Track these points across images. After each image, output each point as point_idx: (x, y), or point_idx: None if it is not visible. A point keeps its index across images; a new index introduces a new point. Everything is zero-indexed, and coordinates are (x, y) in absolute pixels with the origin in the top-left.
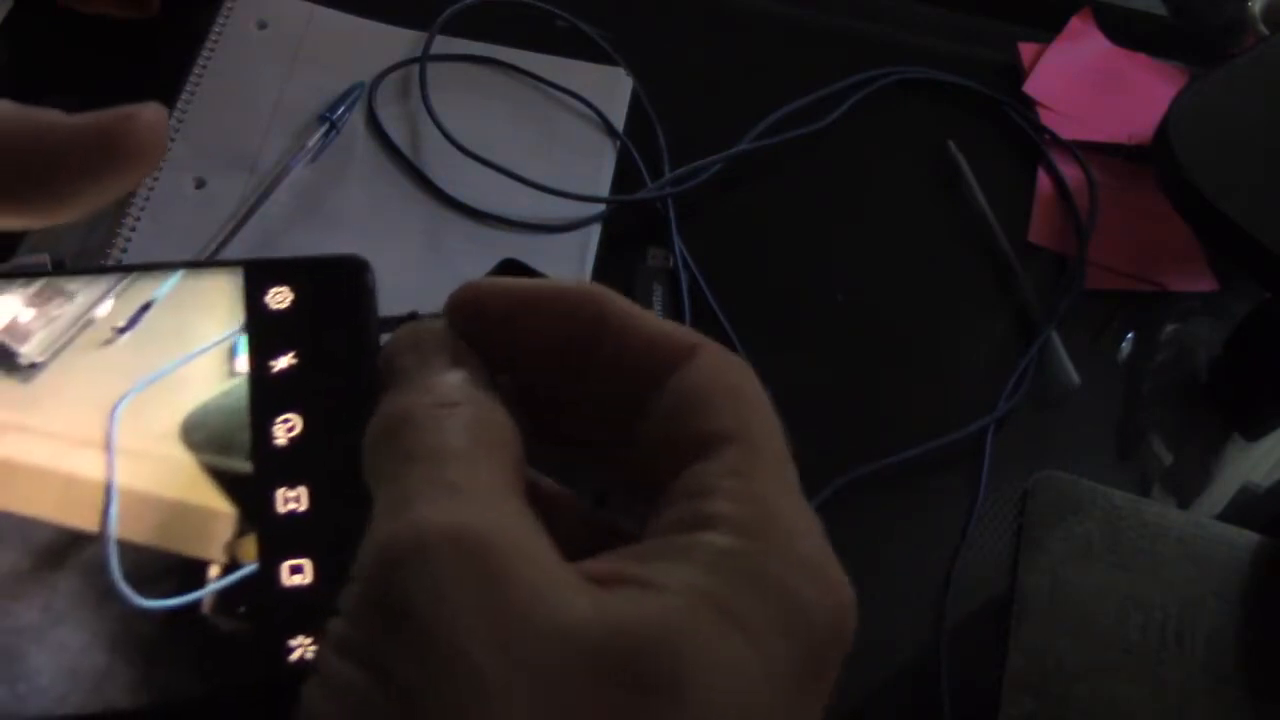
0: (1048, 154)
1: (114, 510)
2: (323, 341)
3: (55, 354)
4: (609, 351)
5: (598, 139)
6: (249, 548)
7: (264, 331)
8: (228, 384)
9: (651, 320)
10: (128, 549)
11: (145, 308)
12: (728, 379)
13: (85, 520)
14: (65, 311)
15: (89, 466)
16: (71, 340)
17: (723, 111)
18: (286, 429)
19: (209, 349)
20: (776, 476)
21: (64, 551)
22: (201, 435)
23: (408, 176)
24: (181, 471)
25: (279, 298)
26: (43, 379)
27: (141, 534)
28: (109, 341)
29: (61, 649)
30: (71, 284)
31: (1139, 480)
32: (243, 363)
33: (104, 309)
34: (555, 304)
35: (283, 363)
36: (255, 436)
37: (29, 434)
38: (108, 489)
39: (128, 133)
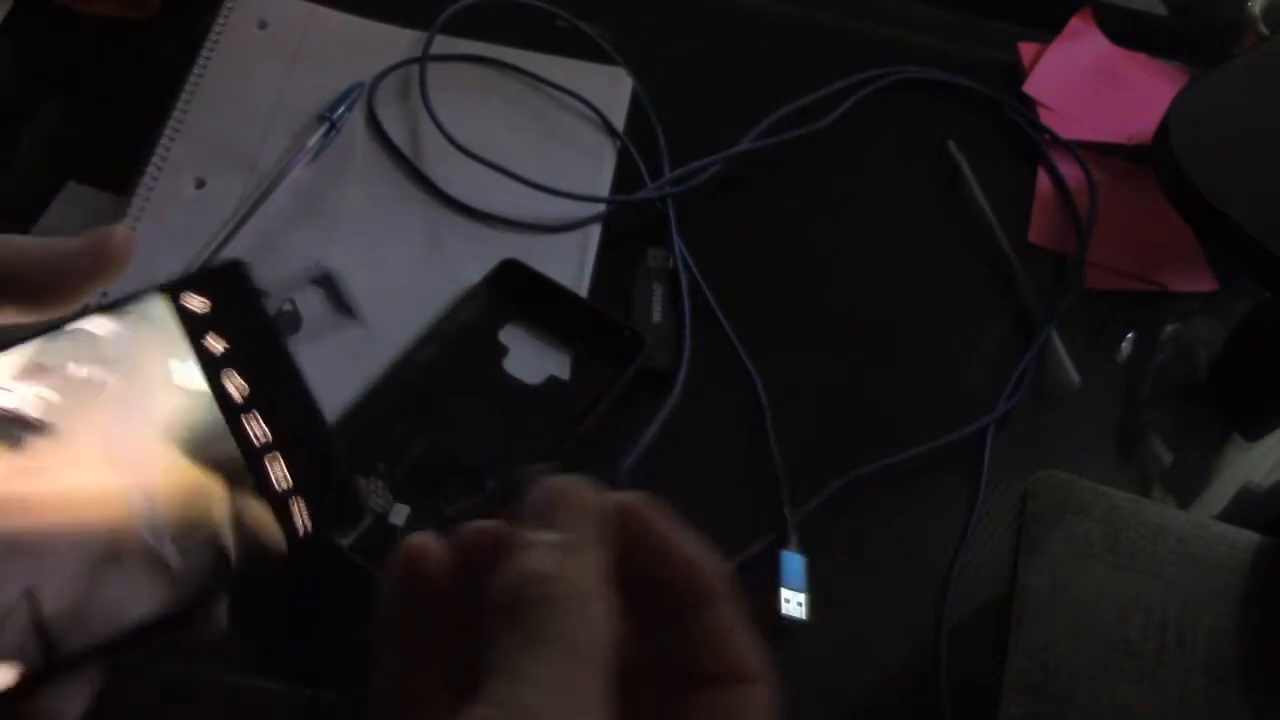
0: (1048, 154)
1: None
2: (238, 323)
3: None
4: (694, 629)
5: (598, 139)
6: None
7: (196, 326)
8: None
9: (746, 638)
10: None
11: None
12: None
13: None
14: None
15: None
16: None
17: (723, 111)
18: (237, 387)
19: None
20: None
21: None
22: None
23: (408, 176)
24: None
25: (196, 303)
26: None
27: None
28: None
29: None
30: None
31: (1139, 480)
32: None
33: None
34: (687, 567)
35: (217, 344)
36: (217, 398)
37: (55, 476)
38: (134, 496)
39: (109, 248)
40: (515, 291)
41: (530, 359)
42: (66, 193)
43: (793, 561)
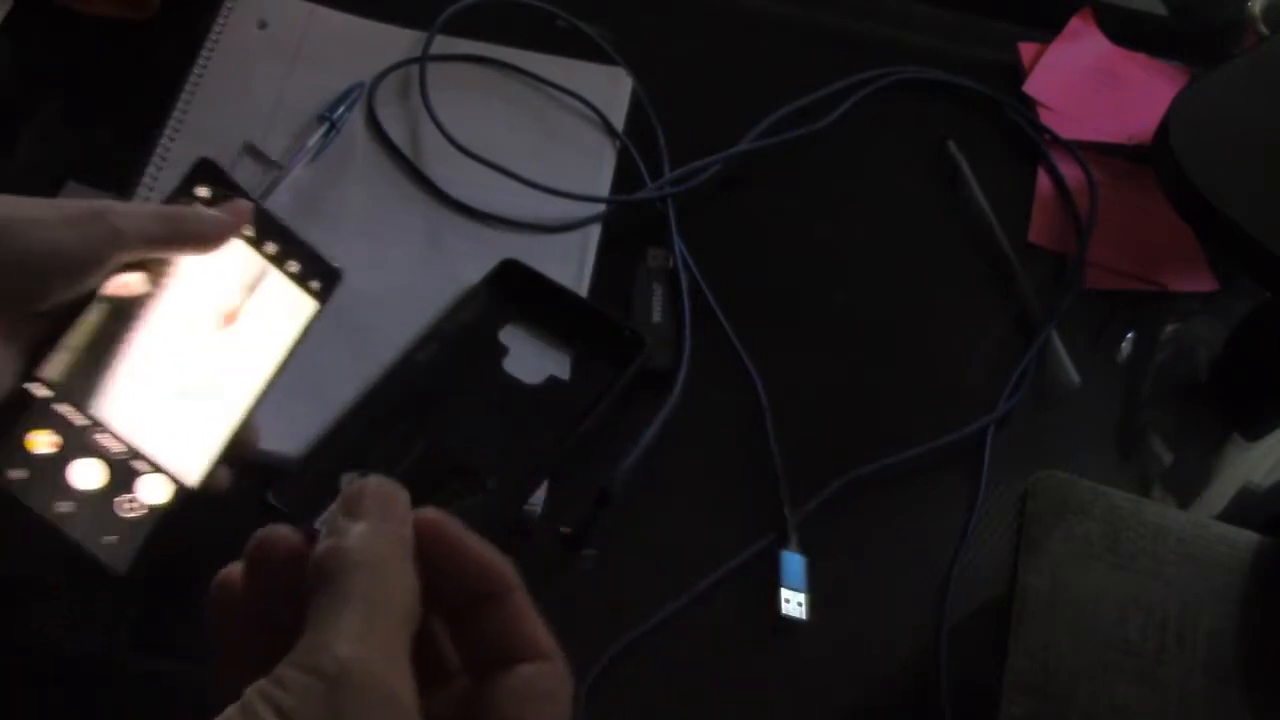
0: (1048, 154)
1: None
2: (228, 193)
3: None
4: (492, 619)
5: (598, 139)
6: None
7: (210, 205)
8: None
9: (537, 621)
10: None
11: None
12: (562, 692)
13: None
14: None
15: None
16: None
17: (723, 111)
18: (250, 233)
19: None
20: None
21: None
22: None
23: (408, 176)
24: None
25: (204, 191)
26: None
27: None
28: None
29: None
30: None
31: (1139, 480)
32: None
33: None
34: (480, 565)
35: (271, 246)
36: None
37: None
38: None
39: (241, 211)
40: (515, 291)
41: (530, 359)
42: (66, 193)
43: (793, 561)
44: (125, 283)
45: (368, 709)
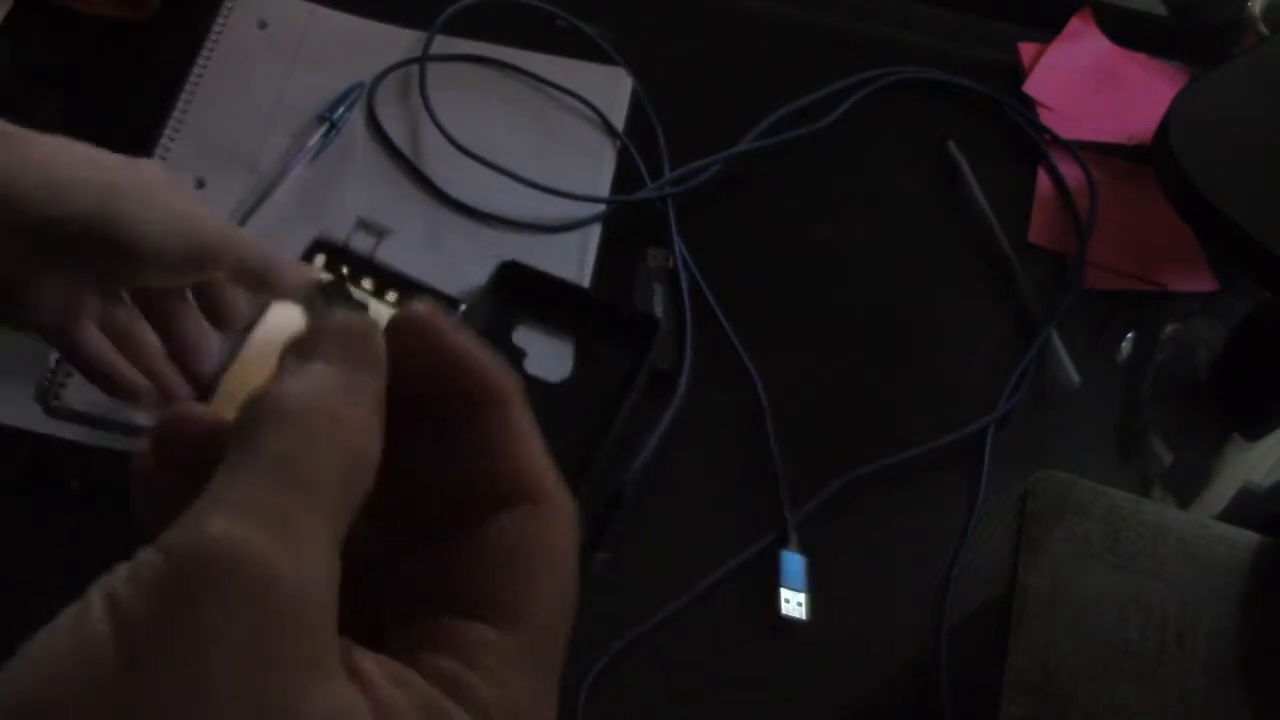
0: (1048, 154)
1: None
2: (347, 259)
3: None
4: (478, 442)
5: (598, 139)
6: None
7: (336, 270)
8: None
9: (539, 448)
10: None
11: None
12: (561, 544)
13: None
14: None
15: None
16: None
17: (723, 111)
18: (367, 288)
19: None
20: (539, 668)
21: None
22: None
23: (408, 176)
24: None
25: (318, 263)
26: None
27: None
28: None
29: None
30: None
31: (1139, 480)
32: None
33: None
34: (463, 364)
35: (367, 283)
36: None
37: None
38: None
39: (297, 278)
40: (519, 292)
41: (549, 357)
42: None
43: (793, 561)
44: (273, 326)
45: (220, 600)
